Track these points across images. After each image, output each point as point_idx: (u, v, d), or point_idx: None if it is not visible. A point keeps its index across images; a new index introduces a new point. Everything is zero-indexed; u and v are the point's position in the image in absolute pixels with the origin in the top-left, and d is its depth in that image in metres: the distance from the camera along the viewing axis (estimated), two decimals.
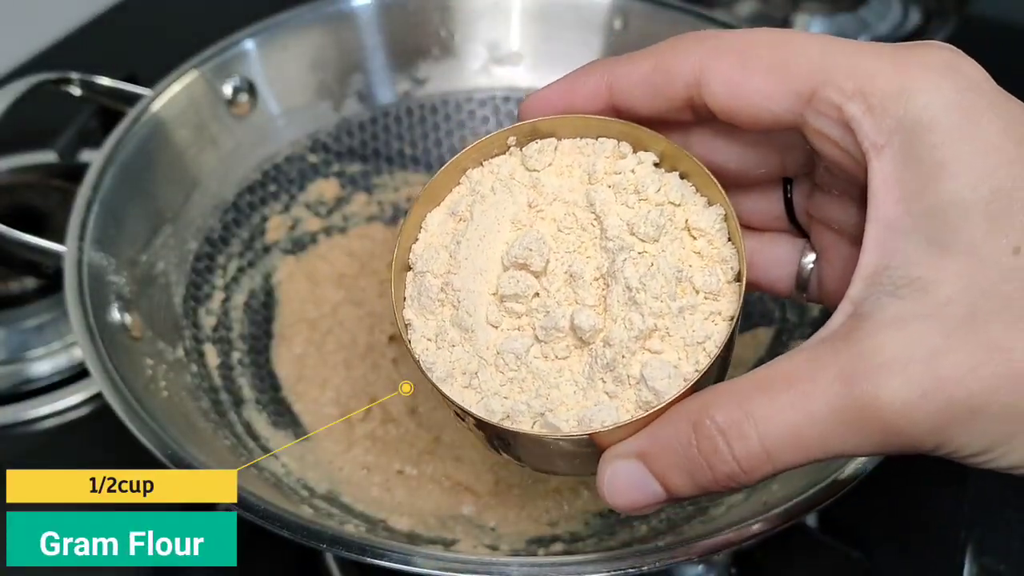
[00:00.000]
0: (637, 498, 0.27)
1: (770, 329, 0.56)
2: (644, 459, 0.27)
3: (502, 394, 0.30)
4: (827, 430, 0.24)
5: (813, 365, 0.24)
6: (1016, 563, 0.49)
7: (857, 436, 0.24)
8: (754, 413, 0.25)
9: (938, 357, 0.23)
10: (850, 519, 0.50)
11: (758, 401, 0.25)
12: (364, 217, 0.64)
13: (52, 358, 0.59)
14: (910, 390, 0.23)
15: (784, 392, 0.24)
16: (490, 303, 0.31)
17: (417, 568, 0.36)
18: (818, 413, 0.24)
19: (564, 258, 0.30)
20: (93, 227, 0.48)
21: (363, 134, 0.63)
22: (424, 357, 0.31)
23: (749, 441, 0.25)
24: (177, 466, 0.39)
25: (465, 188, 0.33)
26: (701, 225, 0.30)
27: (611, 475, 0.27)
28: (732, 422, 0.25)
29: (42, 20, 0.82)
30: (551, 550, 0.45)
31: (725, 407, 0.25)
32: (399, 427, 0.52)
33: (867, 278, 0.25)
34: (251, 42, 0.58)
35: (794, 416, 0.24)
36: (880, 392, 0.23)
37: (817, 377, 0.24)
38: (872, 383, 0.23)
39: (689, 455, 0.26)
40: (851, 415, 0.23)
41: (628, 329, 0.28)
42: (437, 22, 0.63)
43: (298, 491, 0.47)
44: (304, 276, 0.60)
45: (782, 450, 0.24)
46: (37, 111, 0.56)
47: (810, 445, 0.24)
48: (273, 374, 0.55)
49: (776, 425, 0.24)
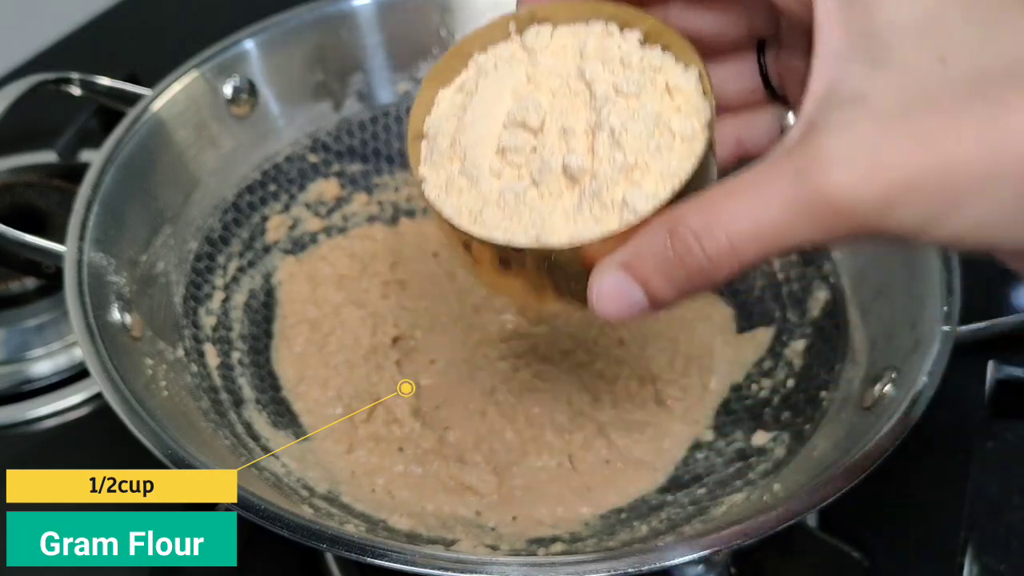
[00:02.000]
0: (622, 306, 0.31)
1: (770, 329, 0.56)
2: (627, 269, 0.30)
3: (503, 227, 0.34)
4: (783, 221, 0.28)
5: (770, 168, 0.28)
6: (1016, 563, 0.49)
7: (809, 224, 0.27)
8: (721, 215, 0.28)
9: (877, 149, 0.26)
10: (850, 518, 0.50)
11: (724, 205, 0.29)
12: (364, 217, 0.64)
13: (52, 358, 0.60)
14: (854, 176, 0.26)
15: (745, 193, 0.28)
16: (493, 157, 0.35)
17: (418, 568, 0.36)
18: (775, 207, 0.28)
19: (558, 118, 0.34)
20: (93, 227, 0.48)
21: (363, 134, 0.63)
22: (436, 202, 0.35)
23: (718, 240, 0.28)
24: (177, 466, 0.39)
25: (472, 70, 0.37)
26: (679, 84, 0.34)
27: (599, 286, 0.31)
28: (703, 225, 0.29)
29: (42, 20, 0.83)
30: (551, 550, 0.45)
31: (697, 213, 0.29)
32: (402, 427, 0.52)
33: (816, 98, 0.28)
34: (251, 42, 0.58)
35: (754, 212, 0.28)
36: (828, 180, 0.27)
37: (772, 178, 0.28)
38: (821, 174, 0.27)
39: (666, 258, 0.29)
40: (803, 204, 0.27)
41: (612, 164, 0.32)
42: (437, 22, 0.63)
43: (298, 491, 0.47)
44: (305, 277, 0.60)
45: (745, 244, 0.28)
46: (37, 111, 0.56)
47: (769, 236, 0.28)
48: (273, 374, 0.55)
49: (739, 222, 0.28)
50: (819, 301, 0.54)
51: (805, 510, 0.39)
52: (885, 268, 0.50)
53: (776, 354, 0.55)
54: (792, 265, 0.57)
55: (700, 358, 0.56)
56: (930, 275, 0.47)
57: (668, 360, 0.56)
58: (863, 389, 0.47)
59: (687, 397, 0.54)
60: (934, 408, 0.42)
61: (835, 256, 0.54)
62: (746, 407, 0.54)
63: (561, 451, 0.52)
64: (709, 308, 0.59)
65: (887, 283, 0.50)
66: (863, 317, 0.51)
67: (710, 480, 0.49)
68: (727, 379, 0.56)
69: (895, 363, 0.45)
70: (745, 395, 0.54)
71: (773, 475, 0.46)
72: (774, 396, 0.53)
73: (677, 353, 0.56)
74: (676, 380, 0.55)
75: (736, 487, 0.47)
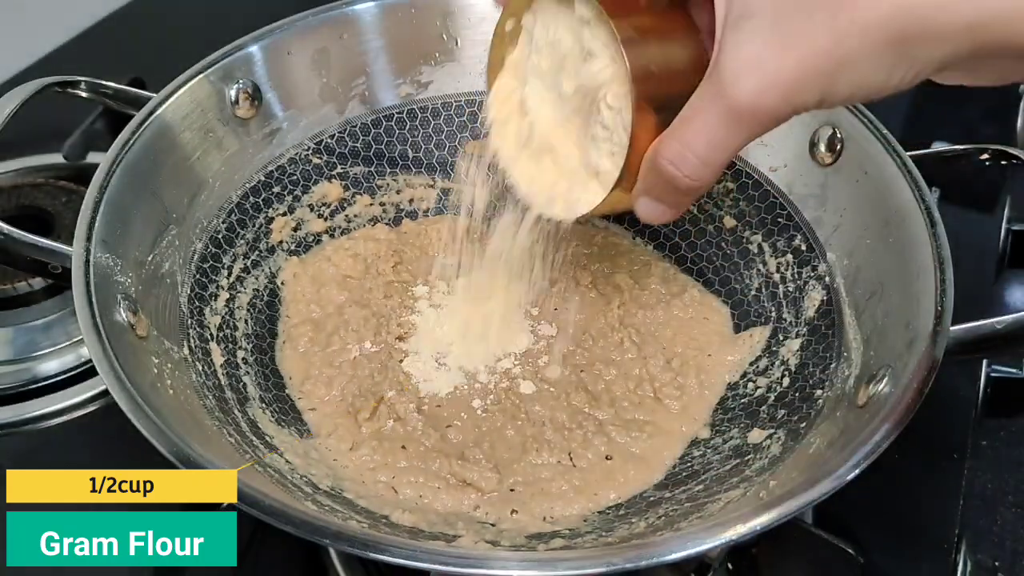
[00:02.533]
0: (657, 217, 0.43)
1: (766, 328, 0.57)
2: (647, 195, 0.42)
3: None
4: (726, 132, 0.37)
5: (702, 93, 0.37)
6: (1009, 560, 0.50)
7: (744, 128, 0.37)
8: (684, 140, 0.39)
9: (763, 61, 0.35)
10: (845, 515, 0.50)
11: (683, 133, 0.39)
12: (367, 219, 0.64)
13: (59, 356, 0.60)
14: (754, 89, 0.35)
15: (694, 120, 0.38)
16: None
17: (420, 563, 0.37)
18: (715, 125, 0.37)
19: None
20: (100, 228, 0.48)
21: (366, 136, 0.64)
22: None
23: (690, 160, 0.39)
24: (182, 463, 0.39)
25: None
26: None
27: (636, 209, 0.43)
28: (676, 153, 0.39)
29: (49, 24, 0.83)
30: (551, 546, 0.46)
31: (667, 146, 0.40)
32: (405, 425, 0.53)
33: (720, 20, 0.37)
34: (256, 46, 0.59)
35: (705, 132, 0.38)
36: (738, 98, 0.36)
37: (706, 102, 0.37)
38: (733, 94, 0.36)
39: (664, 183, 0.41)
40: (733, 117, 0.36)
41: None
42: (439, 26, 0.63)
43: (302, 488, 0.47)
44: (309, 277, 0.60)
45: (710, 156, 0.38)
46: (44, 114, 0.56)
47: (723, 146, 0.38)
48: (278, 373, 0.56)
49: (698, 143, 0.38)
50: (814, 301, 0.55)
51: (801, 507, 0.39)
52: (879, 268, 0.51)
53: (772, 353, 0.56)
54: (787, 266, 0.57)
55: (697, 357, 0.57)
56: (923, 275, 0.47)
57: (666, 360, 0.57)
58: (857, 387, 0.47)
59: (684, 396, 0.55)
60: (928, 407, 0.42)
61: (830, 257, 0.55)
62: (742, 405, 0.54)
63: (561, 449, 0.52)
64: (706, 308, 0.60)
65: (881, 283, 0.50)
66: (857, 317, 0.51)
67: (707, 477, 0.49)
68: (724, 378, 0.56)
69: (889, 362, 0.46)
70: (741, 393, 0.55)
71: (769, 472, 0.47)
72: (770, 394, 0.54)
73: (674, 353, 0.57)
74: (673, 379, 0.55)
75: (732, 484, 0.47)
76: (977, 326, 0.45)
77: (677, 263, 0.63)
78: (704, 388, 0.55)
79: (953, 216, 0.55)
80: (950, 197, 0.66)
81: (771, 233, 0.59)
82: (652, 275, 0.61)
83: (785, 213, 0.58)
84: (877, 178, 0.53)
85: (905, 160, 0.52)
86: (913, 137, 0.58)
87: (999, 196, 0.71)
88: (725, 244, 0.61)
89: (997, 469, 0.55)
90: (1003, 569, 0.51)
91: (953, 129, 0.77)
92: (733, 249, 0.61)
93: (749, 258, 0.60)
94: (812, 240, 0.56)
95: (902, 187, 0.51)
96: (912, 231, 0.49)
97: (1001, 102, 0.81)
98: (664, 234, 0.63)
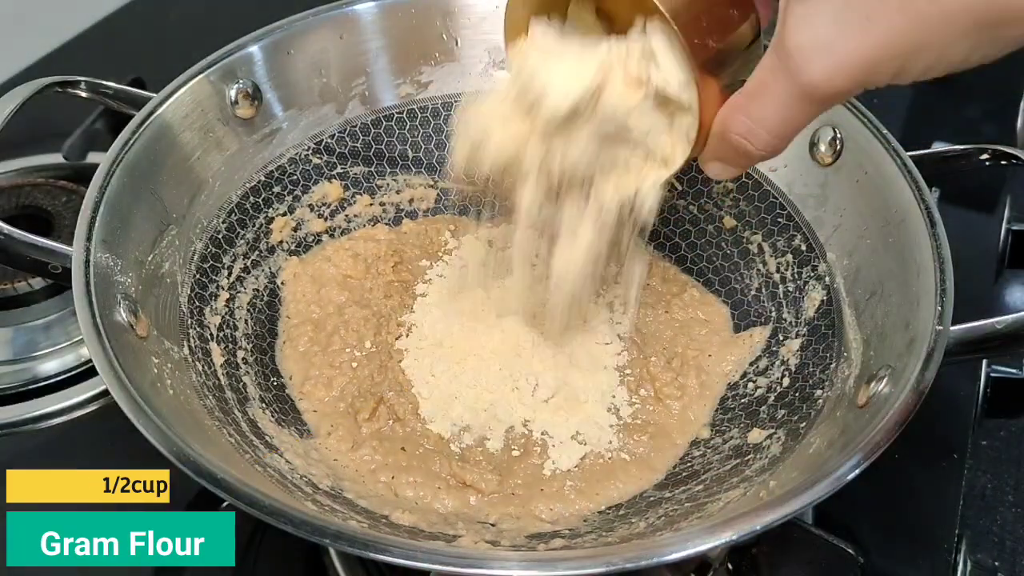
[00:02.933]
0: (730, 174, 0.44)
1: (766, 328, 0.57)
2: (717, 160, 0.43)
3: None
4: (797, 109, 0.38)
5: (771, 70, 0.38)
6: (1009, 560, 0.50)
7: (814, 106, 0.37)
8: (754, 117, 0.39)
9: (835, 43, 0.35)
10: (845, 515, 0.50)
11: (752, 109, 0.39)
12: (367, 219, 0.64)
13: (59, 356, 0.60)
14: (826, 71, 0.35)
15: (762, 95, 0.39)
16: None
17: (420, 563, 0.37)
18: (785, 102, 0.38)
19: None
20: (100, 228, 0.48)
21: (366, 136, 0.64)
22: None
23: (760, 135, 0.40)
24: (182, 463, 0.39)
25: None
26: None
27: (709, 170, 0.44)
28: (747, 129, 0.40)
29: (49, 24, 0.83)
30: (551, 545, 0.46)
31: (736, 121, 0.41)
32: (405, 426, 0.53)
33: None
34: (256, 46, 0.59)
35: (775, 108, 0.38)
36: (810, 79, 0.36)
37: (775, 80, 0.37)
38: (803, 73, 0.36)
39: (732, 153, 0.42)
40: (804, 96, 0.37)
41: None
42: (439, 26, 0.63)
43: (302, 488, 0.47)
44: (309, 277, 0.60)
45: (781, 130, 0.39)
46: (44, 114, 0.56)
47: (794, 121, 0.38)
48: (278, 373, 0.56)
49: (770, 119, 0.39)
50: (814, 301, 0.55)
51: (801, 507, 0.39)
52: (879, 268, 0.51)
53: (772, 353, 0.56)
54: (788, 266, 0.57)
55: (697, 357, 0.57)
56: (923, 275, 0.47)
57: (666, 360, 0.57)
58: (857, 387, 0.47)
59: (685, 396, 0.55)
60: (928, 407, 0.42)
61: (830, 257, 0.55)
62: (742, 405, 0.54)
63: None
64: (706, 309, 0.60)
65: (881, 283, 0.50)
66: (857, 317, 0.51)
67: (707, 477, 0.50)
68: (724, 378, 0.56)
69: (889, 362, 0.46)
70: (742, 394, 0.55)
71: (769, 472, 0.47)
72: (770, 394, 0.54)
73: (675, 353, 0.57)
74: (674, 379, 0.55)
75: (733, 484, 0.47)
76: (977, 326, 0.45)
77: (677, 263, 0.63)
78: (704, 388, 0.56)
79: (953, 216, 0.55)
80: (950, 197, 0.66)
81: (771, 233, 0.59)
82: (652, 275, 0.61)
83: (785, 213, 0.58)
84: (877, 178, 0.53)
85: (905, 160, 0.52)
86: (913, 137, 0.58)
87: (999, 196, 0.71)
88: (725, 244, 0.61)
89: (997, 469, 0.55)
90: (1003, 569, 0.51)
91: (953, 129, 0.77)
92: (733, 249, 0.61)
93: (749, 258, 0.60)
94: (812, 240, 0.56)
95: (902, 187, 0.51)
96: (912, 231, 0.49)
97: (1001, 102, 0.81)
98: (664, 234, 0.63)
